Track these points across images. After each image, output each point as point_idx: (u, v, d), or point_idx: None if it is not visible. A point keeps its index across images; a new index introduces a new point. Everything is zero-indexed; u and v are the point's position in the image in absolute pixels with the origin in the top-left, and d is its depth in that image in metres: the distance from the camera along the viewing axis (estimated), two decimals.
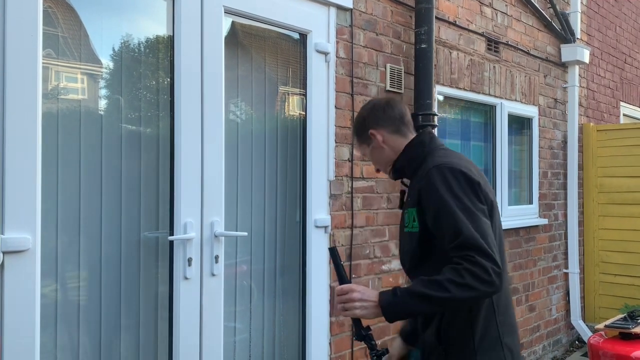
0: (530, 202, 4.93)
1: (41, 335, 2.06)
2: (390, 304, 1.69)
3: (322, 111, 3.06)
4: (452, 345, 1.76)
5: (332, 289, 3.09)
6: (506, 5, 4.55)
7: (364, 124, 1.94)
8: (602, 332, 3.89)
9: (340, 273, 1.85)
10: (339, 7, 3.15)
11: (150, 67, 2.52)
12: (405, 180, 1.97)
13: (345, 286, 1.77)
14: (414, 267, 1.85)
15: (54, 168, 2.17)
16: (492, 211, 1.75)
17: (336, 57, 3.14)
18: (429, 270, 1.69)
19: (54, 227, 2.17)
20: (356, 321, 1.81)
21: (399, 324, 2.09)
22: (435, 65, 3.63)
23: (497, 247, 1.66)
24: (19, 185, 1.99)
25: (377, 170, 2.06)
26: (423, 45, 3.46)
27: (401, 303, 1.68)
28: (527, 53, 4.80)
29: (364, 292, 1.74)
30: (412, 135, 1.93)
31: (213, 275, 2.59)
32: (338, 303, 1.77)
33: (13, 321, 1.98)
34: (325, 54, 3.08)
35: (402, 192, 2.01)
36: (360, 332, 1.80)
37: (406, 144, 1.90)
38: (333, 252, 1.89)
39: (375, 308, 1.71)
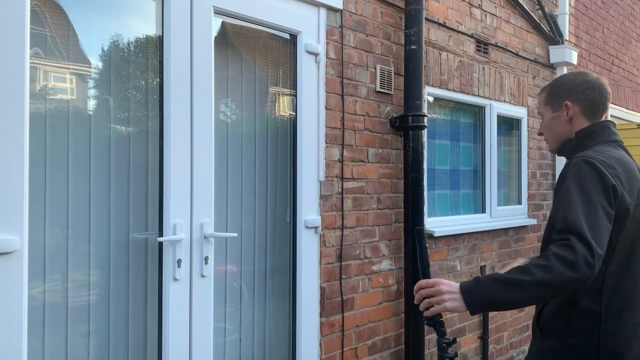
0: (519, 203, 4.96)
1: (29, 338, 2.04)
2: (472, 291, 1.61)
3: (313, 112, 3.06)
4: (546, 338, 1.78)
5: (322, 289, 3.09)
6: (495, 7, 4.57)
7: (564, 90, 1.93)
8: None
9: (424, 256, 1.80)
10: (329, 8, 3.16)
11: (140, 67, 2.50)
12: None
13: (429, 280, 1.70)
14: None
15: (41, 169, 2.15)
16: (625, 218, 1.72)
17: (326, 57, 3.14)
18: None
19: (41, 228, 2.15)
20: (437, 323, 1.76)
21: None
22: (425, 66, 3.65)
23: (623, 253, 1.67)
24: (5, 186, 1.97)
25: (540, 134, 2.05)
26: (413, 47, 3.47)
27: (483, 288, 1.60)
28: (516, 54, 4.83)
29: (450, 284, 1.65)
30: (593, 122, 1.91)
31: (203, 276, 2.58)
32: (423, 297, 1.68)
33: (0, 323, 1.96)
34: (316, 54, 3.07)
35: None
36: (432, 318, 1.73)
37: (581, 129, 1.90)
38: (420, 232, 1.86)
39: (462, 299, 1.62)
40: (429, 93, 3.86)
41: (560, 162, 5.41)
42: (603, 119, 1.94)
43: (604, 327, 1.73)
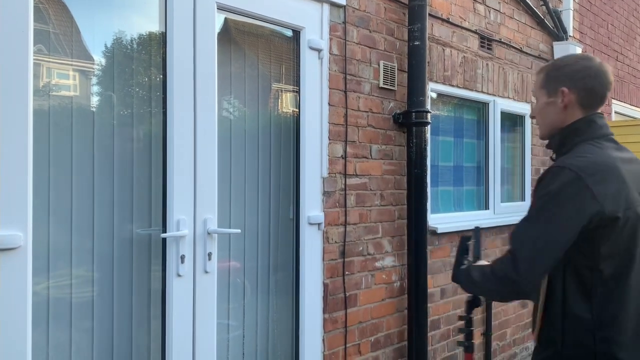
0: (523, 199, 4.95)
1: (33, 333, 2.05)
2: (454, 274, 1.95)
3: (316, 108, 3.06)
4: (543, 348, 1.84)
5: (325, 285, 3.09)
6: (499, 3, 4.56)
7: (563, 74, 1.80)
8: None
9: (478, 252, 2.02)
10: (332, 4, 3.15)
11: (143, 64, 2.50)
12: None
13: None
14: None
15: (45, 165, 2.16)
16: (613, 225, 1.65)
17: (329, 54, 3.13)
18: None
19: (45, 224, 2.16)
20: (468, 302, 2.09)
21: None
22: (428, 62, 3.64)
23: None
24: (10, 182, 1.98)
25: (533, 117, 1.96)
26: (416, 43, 3.46)
27: (459, 274, 1.91)
28: (520, 50, 4.81)
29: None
30: (587, 113, 1.79)
31: (206, 272, 2.58)
32: None
33: (4, 319, 1.97)
34: (319, 50, 3.07)
35: None
36: (465, 315, 2.14)
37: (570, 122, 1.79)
38: (477, 231, 2.07)
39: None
40: (432, 89, 3.86)
41: None
42: (599, 110, 1.82)
43: (600, 336, 1.69)
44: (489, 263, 1.84)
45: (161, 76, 2.50)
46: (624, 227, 1.69)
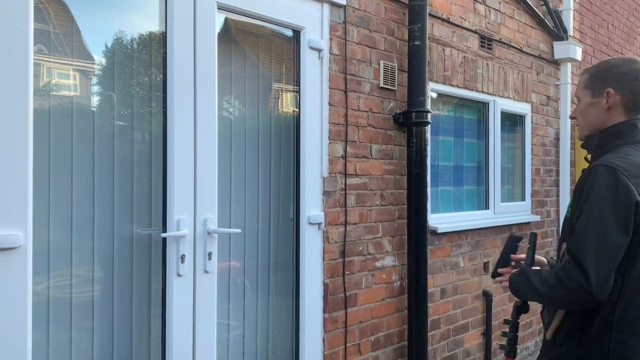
0: (523, 199, 4.95)
1: (33, 333, 2.06)
2: (512, 280, 1.89)
3: (316, 108, 3.06)
4: (559, 345, 1.82)
5: (325, 285, 3.10)
6: (499, 3, 4.56)
7: (609, 76, 1.80)
8: None
9: (532, 256, 1.98)
10: (333, 4, 3.15)
11: (143, 64, 2.50)
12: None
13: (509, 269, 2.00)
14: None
15: (45, 165, 2.16)
16: None
17: (329, 53, 3.13)
18: None
19: (45, 224, 2.16)
20: (517, 307, 2.03)
21: None
22: (428, 62, 3.64)
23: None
24: (10, 181, 1.98)
25: (573, 117, 1.95)
26: (416, 42, 3.46)
27: (517, 281, 1.87)
28: (520, 50, 4.81)
29: (511, 274, 1.93)
30: (630, 117, 1.80)
31: (206, 272, 2.58)
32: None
33: (5, 319, 1.97)
34: (319, 50, 3.07)
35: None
36: (510, 319, 2.07)
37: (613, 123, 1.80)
38: (534, 236, 1.99)
39: (509, 286, 1.93)
40: (432, 89, 3.86)
41: (564, 158, 5.40)
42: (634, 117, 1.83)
43: (615, 336, 1.72)
44: (539, 269, 1.84)
45: (161, 76, 2.50)
46: None
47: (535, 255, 2.00)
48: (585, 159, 1.94)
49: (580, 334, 1.77)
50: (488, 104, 4.47)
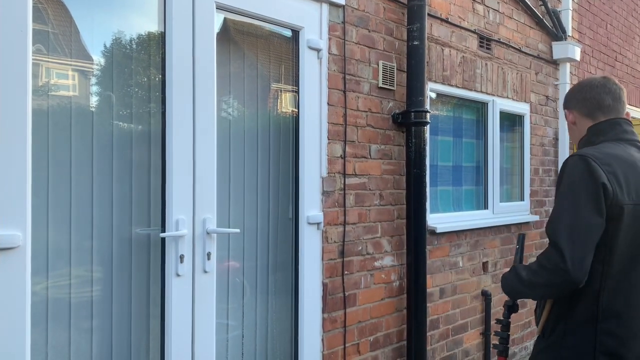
0: (522, 199, 4.96)
1: (32, 333, 2.05)
2: (503, 277, 2.00)
3: (315, 108, 3.06)
4: (546, 337, 1.91)
5: (324, 285, 3.10)
6: (498, 3, 4.56)
7: (566, 99, 2.10)
8: None
9: (521, 256, 2.14)
10: (332, 4, 3.15)
11: (142, 64, 2.50)
12: None
13: None
14: None
15: (44, 165, 2.16)
16: (620, 217, 1.76)
17: (328, 53, 3.13)
18: None
19: (44, 224, 2.16)
20: (508, 306, 2.19)
21: None
22: (427, 62, 3.64)
23: (613, 248, 1.76)
24: (8, 181, 1.98)
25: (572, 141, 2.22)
26: (415, 42, 3.47)
27: (507, 278, 1.97)
28: (519, 50, 4.81)
29: (504, 275, 2.02)
30: (604, 119, 1.97)
31: (205, 272, 2.58)
32: None
33: (3, 319, 1.97)
34: (318, 50, 3.07)
35: None
36: (503, 319, 2.21)
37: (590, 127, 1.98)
38: (522, 237, 2.17)
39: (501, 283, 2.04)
40: (431, 89, 3.86)
41: (563, 158, 5.40)
42: (614, 116, 1.95)
43: (601, 327, 1.78)
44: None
45: (160, 76, 2.50)
46: (633, 222, 1.77)
47: None
48: None
49: (565, 325, 1.84)
50: (487, 104, 4.47)
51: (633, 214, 1.77)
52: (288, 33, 3.04)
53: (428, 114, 3.51)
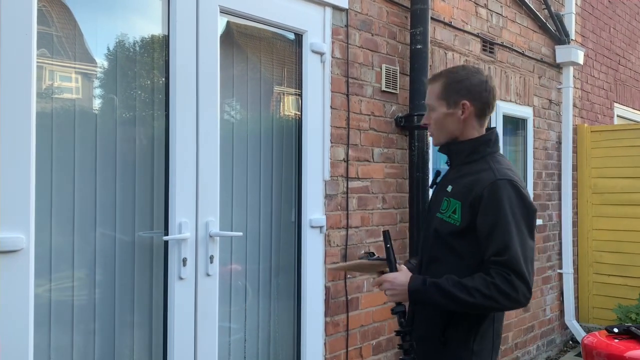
0: None
1: (35, 336, 2.05)
2: (417, 291, 1.85)
3: (318, 111, 3.06)
4: (453, 342, 1.88)
5: (327, 288, 3.09)
6: (501, 7, 4.56)
7: (462, 88, 1.89)
8: (596, 332, 3.90)
9: (389, 257, 1.97)
10: (335, 7, 3.15)
11: (145, 67, 2.51)
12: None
13: (382, 277, 1.95)
14: (434, 256, 1.94)
15: (48, 167, 2.16)
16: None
17: (332, 57, 3.14)
18: (444, 268, 1.85)
19: (48, 226, 2.16)
20: (401, 312, 1.99)
21: None
22: (430, 65, 3.64)
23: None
24: (12, 184, 1.98)
25: (425, 125, 2.06)
26: (418, 46, 3.47)
27: (426, 292, 1.82)
28: (522, 54, 4.81)
29: (394, 281, 1.91)
30: (481, 128, 1.95)
31: (208, 275, 2.58)
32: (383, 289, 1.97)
33: (6, 321, 1.97)
34: (321, 54, 3.07)
35: (438, 172, 2.12)
36: (394, 308, 1.97)
37: (475, 134, 1.93)
38: (385, 235, 1.99)
39: (405, 293, 1.88)
40: None
41: (566, 162, 5.39)
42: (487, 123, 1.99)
43: (496, 328, 1.94)
44: (456, 279, 1.79)
45: (163, 79, 2.51)
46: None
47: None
48: (447, 163, 2.08)
49: (471, 333, 1.87)
50: None
51: None
52: (291, 36, 3.05)
53: None
